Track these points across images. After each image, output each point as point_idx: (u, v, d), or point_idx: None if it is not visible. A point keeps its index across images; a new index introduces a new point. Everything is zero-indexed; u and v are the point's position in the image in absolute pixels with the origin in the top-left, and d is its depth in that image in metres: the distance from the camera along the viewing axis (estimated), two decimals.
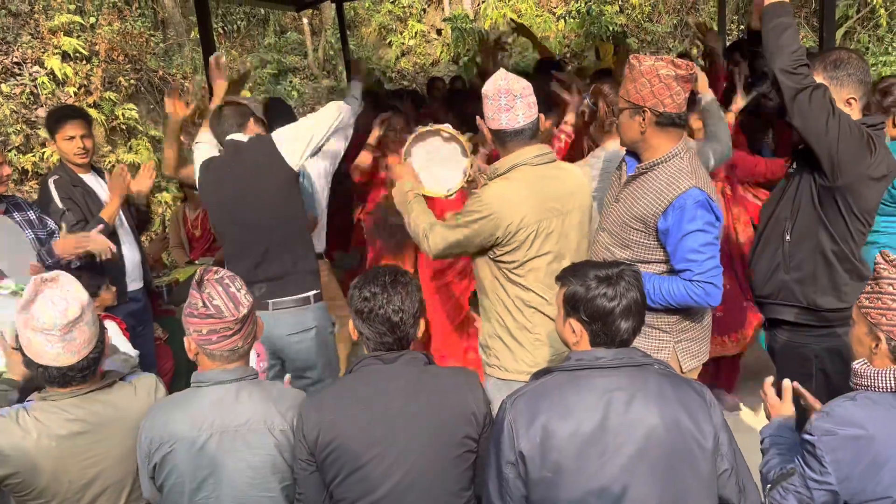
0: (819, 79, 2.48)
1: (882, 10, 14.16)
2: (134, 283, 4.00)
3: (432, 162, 3.07)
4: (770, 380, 2.24)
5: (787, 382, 2.17)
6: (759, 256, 2.75)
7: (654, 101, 2.51)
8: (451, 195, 3.11)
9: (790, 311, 2.66)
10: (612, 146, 3.34)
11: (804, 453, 1.88)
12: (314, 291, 3.37)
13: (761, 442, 2.15)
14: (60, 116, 3.84)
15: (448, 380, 2.13)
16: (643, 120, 2.55)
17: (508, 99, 2.62)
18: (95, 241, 3.41)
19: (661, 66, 2.48)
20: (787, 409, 2.15)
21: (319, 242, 4.39)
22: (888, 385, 1.83)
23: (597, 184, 3.34)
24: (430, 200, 3.01)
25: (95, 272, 3.58)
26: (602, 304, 1.88)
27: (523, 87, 2.65)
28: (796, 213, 2.61)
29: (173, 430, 2.05)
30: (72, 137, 3.78)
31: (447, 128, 3.05)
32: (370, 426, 2.01)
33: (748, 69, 5.06)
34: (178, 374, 4.35)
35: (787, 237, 2.62)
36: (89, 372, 2.11)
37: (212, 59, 3.71)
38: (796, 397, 2.18)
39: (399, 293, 2.07)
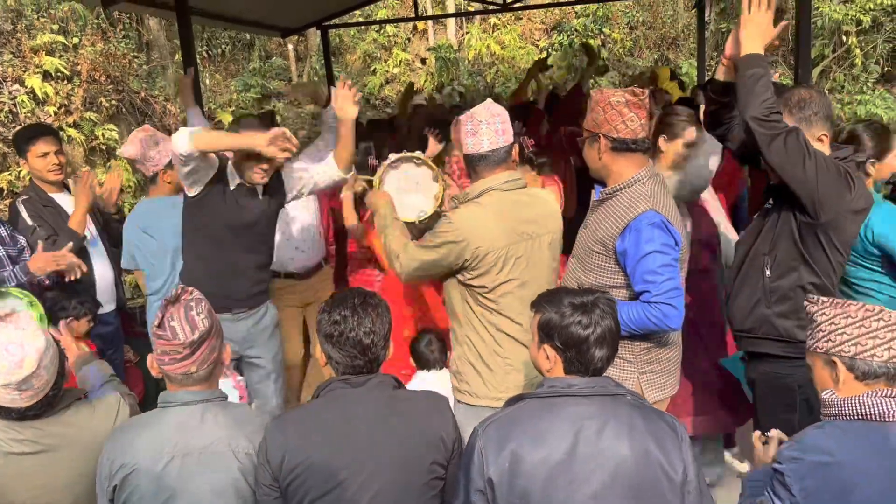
0: (788, 122, 2.50)
1: (857, 50, 14.50)
2: (106, 304, 3.93)
3: (404, 188, 3.12)
4: (758, 434, 2.23)
5: (775, 432, 2.16)
6: (738, 292, 2.75)
7: (608, 127, 2.58)
8: (423, 221, 3.13)
9: (771, 344, 2.65)
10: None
11: (773, 483, 1.87)
12: None
13: (743, 489, 2.13)
14: (32, 135, 3.78)
15: (417, 404, 2.10)
16: (599, 146, 2.63)
17: (473, 124, 2.68)
18: (66, 259, 3.36)
19: (611, 94, 2.57)
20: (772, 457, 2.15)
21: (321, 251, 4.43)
22: (853, 412, 1.84)
23: None
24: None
25: (69, 293, 3.53)
26: (576, 332, 1.88)
27: (491, 113, 2.68)
28: (776, 248, 2.62)
29: (136, 451, 2.00)
30: (45, 154, 3.72)
31: (418, 154, 3.11)
32: (336, 452, 1.97)
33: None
34: (147, 398, 4.27)
35: (768, 272, 2.62)
36: (47, 408, 2.07)
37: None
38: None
39: (370, 315, 2.05)
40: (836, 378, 1.90)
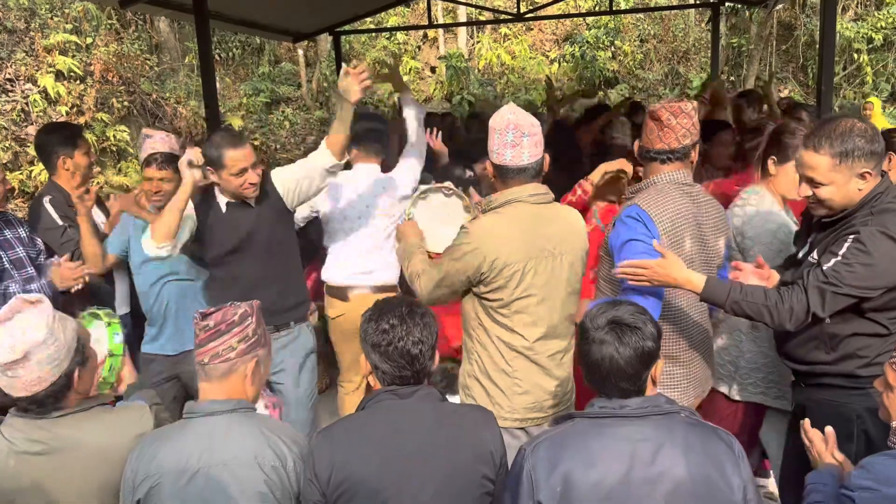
0: (827, 157, 2.34)
1: (868, 68, 14.52)
2: (120, 307, 3.91)
3: (435, 220, 3.10)
4: (808, 422, 2.17)
5: (829, 430, 2.12)
6: (793, 333, 2.57)
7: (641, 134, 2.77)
8: None
9: (830, 377, 2.51)
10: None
11: None
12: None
13: (804, 489, 2.08)
14: (76, 133, 3.77)
15: (464, 417, 2.06)
16: None
17: (516, 135, 2.59)
18: (81, 272, 3.37)
19: (652, 106, 2.73)
20: (832, 456, 2.09)
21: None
22: None
23: None
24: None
25: (83, 299, 3.49)
26: (598, 360, 1.84)
27: (531, 123, 2.62)
28: None
29: (160, 462, 1.96)
30: (88, 151, 3.75)
31: (448, 185, 3.12)
32: (384, 465, 1.92)
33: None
34: None
35: (827, 319, 2.44)
36: (47, 408, 2.03)
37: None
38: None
39: (418, 325, 2.00)
40: None
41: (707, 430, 1.87)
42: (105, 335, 2.60)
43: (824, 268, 2.31)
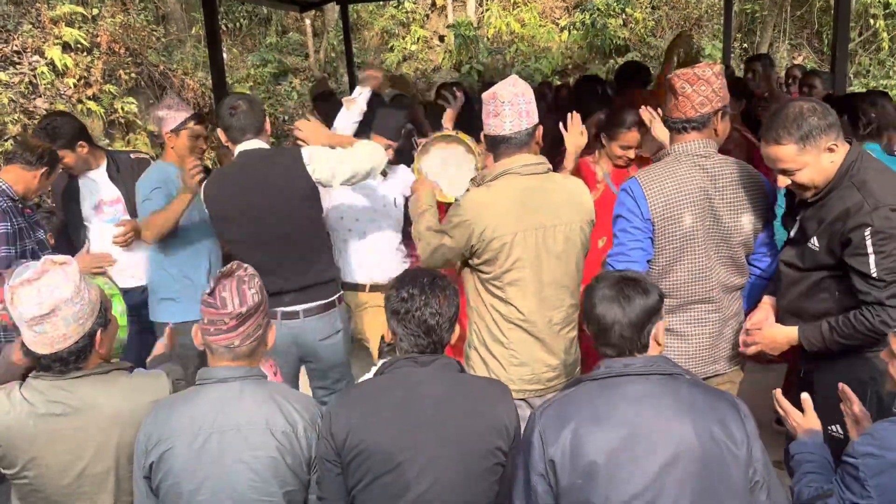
0: (791, 144, 2.35)
1: (884, 34, 14.25)
2: (138, 280, 3.93)
3: (443, 169, 3.10)
4: (779, 391, 2.18)
5: (805, 395, 2.13)
6: (800, 311, 2.57)
7: None
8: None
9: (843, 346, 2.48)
10: None
11: (844, 475, 1.83)
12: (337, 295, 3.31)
13: (791, 458, 2.10)
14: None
15: (481, 390, 2.09)
16: None
17: (496, 105, 2.60)
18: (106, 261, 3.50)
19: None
20: (812, 422, 2.11)
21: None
22: None
23: None
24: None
25: None
26: (601, 314, 1.90)
27: (515, 94, 2.60)
28: (840, 278, 2.44)
29: (173, 427, 1.99)
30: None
31: (444, 133, 3.11)
32: (401, 431, 1.96)
33: None
34: None
35: (837, 294, 2.46)
36: (69, 366, 2.07)
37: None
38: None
39: (437, 296, 2.05)
40: None
41: (712, 390, 1.91)
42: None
43: (872, 273, 2.29)
